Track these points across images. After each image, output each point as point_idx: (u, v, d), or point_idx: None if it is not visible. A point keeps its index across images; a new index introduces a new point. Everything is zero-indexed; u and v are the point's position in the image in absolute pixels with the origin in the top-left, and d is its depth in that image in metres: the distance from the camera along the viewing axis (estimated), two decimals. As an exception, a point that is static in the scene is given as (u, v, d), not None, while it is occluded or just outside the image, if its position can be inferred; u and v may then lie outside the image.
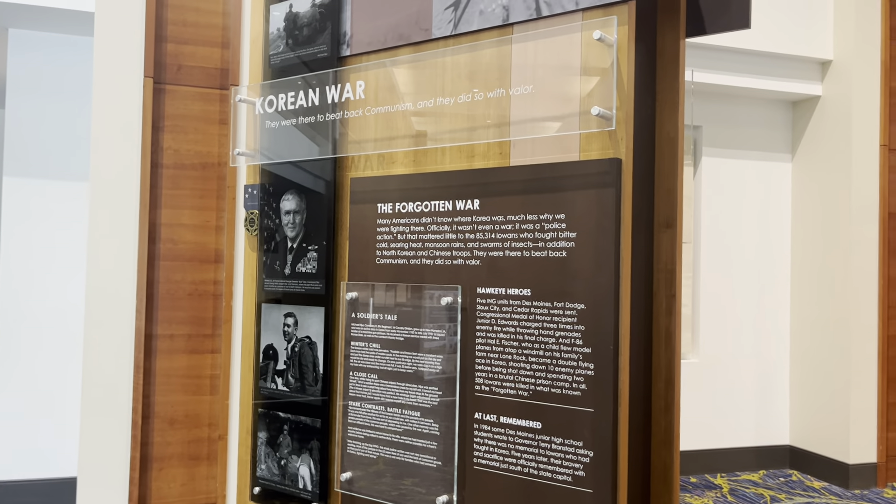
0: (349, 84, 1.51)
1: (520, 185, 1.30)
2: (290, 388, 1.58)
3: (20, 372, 3.80)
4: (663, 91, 1.39)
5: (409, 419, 1.40)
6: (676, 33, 1.37)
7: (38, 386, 3.83)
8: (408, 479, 1.40)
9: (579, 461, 1.23)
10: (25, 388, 3.81)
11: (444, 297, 1.36)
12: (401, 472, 1.41)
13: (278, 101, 1.61)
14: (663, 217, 1.38)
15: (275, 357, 1.62)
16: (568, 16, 1.28)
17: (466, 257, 1.36)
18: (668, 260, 1.37)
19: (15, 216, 3.76)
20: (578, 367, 1.23)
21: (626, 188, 1.21)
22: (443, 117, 1.40)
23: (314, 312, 1.55)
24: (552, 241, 1.26)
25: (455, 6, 1.40)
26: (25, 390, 3.81)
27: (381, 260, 1.46)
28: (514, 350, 1.29)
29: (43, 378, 3.84)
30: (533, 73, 1.30)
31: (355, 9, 1.54)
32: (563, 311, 1.25)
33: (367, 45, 1.53)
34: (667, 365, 1.37)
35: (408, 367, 1.40)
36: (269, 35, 1.67)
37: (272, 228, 1.63)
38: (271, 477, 1.61)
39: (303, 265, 1.57)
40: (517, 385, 1.29)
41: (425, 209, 1.41)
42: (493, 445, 1.31)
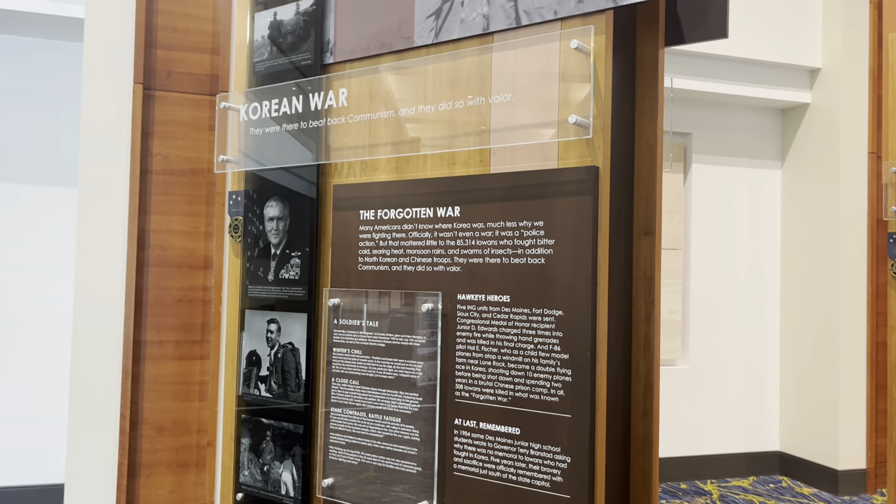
0: (332, 91, 1.52)
1: (499, 192, 1.31)
2: (273, 394, 1.59)
3: (8, 377, 3.79)
4: (642, 99, 1.40)
5: (391, 425, 1.40)
6: (655, 42, 1.39)
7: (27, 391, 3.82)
8: (389, 484, 1.40)
9: (557, 467, 1.23)
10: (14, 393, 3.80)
11: (425, 303, 1.37)
12: (382, 478, 1.41)
13: (262, 108, 1.62)
14: (642, 224, 1.39)
15: (258, 363, 1.62)
16: (547, 25, 1.29)
17: (447, 264, 1.36)
18: (647, 267, 1.38)
19: (3, 221, 3.76)
20: (556, 373, 1.24)
21: (603, 196, 1.22)
22: (424, 125, 1.41)
23: (297, 319, 1.56)
24: (531, 248, 1.27)
25: (437, 15, 1.42)
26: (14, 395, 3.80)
27: (363, 266, 1.47)
28: (493, 356, 1.30)
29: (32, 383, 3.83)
30: (512, 81, 1.31)
31: (339, 17, 1.55)
32: (541, 318, 1.26)
33: (350, 53, 1.54)
34: (646, 371, 1.38)
35: (389, 373, 1.41)
36: (253, 42, 1.68)
37: (256, 235, 1.64)
38: (254, 483, 1.61)
39: (286, 271, 1.58)
40: (496, 391, 1.30)
41: (407, 216, 1.42)
42: (473, 451, 1.32)
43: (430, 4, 1.42)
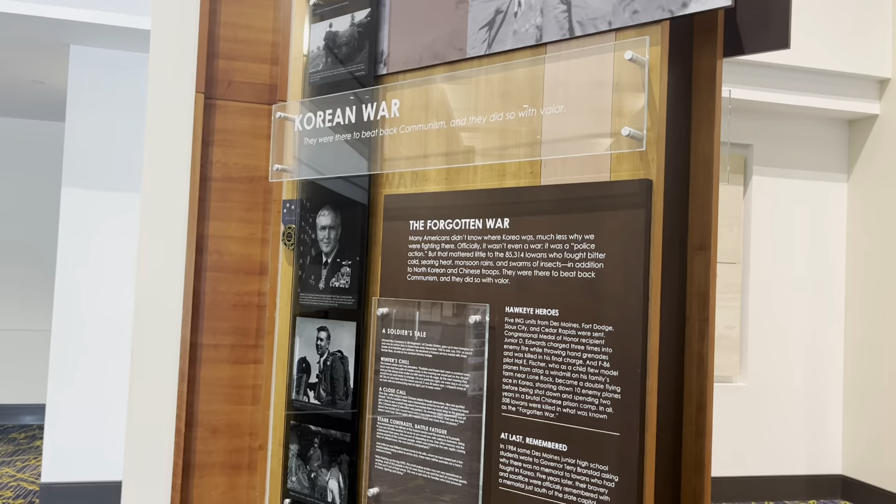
0: (384, 102, 1.53)
1: (550, 204, 1.30)
2: (321, 401, 1.60)
3: (76, 377, 3.92)
4: (699, 111, 1.37)
5: (436, 437, 1.40)
6: (713, 53, 1.35)
7: (92, 391, 3.95)
8: (434, 496, 1.40)
9: (605, 485, 1.21)
10: (80, 392, 3.93)
11: (473, 315, 1.36)
12: (427, 490, 1.41)
13: (316, 118, 1.64)
14: (697, 239, 1.36)
15: (308, 370, 1.64)
16: (601, 36, 1.28)
17: (495, 276, 1.35)
18: (702, 283, 1.35)
19: (72, 226, 3.90)
20: (605, 389, 1.21)
21: (656, 209, 1.20)
22: (475, 136, 1.41)
23: (346, 327, 1.57)
24: (581, 262, 1.25)
25: (490, 26, 1.41)
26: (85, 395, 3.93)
27: (411, 276, 1.47)
28: (541, 371, 1.29)
29: (98, 383, 3.96)
30: (565, 92, 1.30)
31: (392, 28, 1.56)
32: (590, 333, 1.23)
33: (403, 64, 1.54)
34: (698, 390, 1.34)
35: (435, 384, 1.41)
36: (309, 53, 1.70)
37: (308, 243, 1.66)
38: (301, 489, 1.63)
39: (336, 280, 1.59)
40: (544, 406, 1.28)
41: (456, 227, 1.42)
42: (519, 466, 1.30)
43: (483, 16, 1.42)
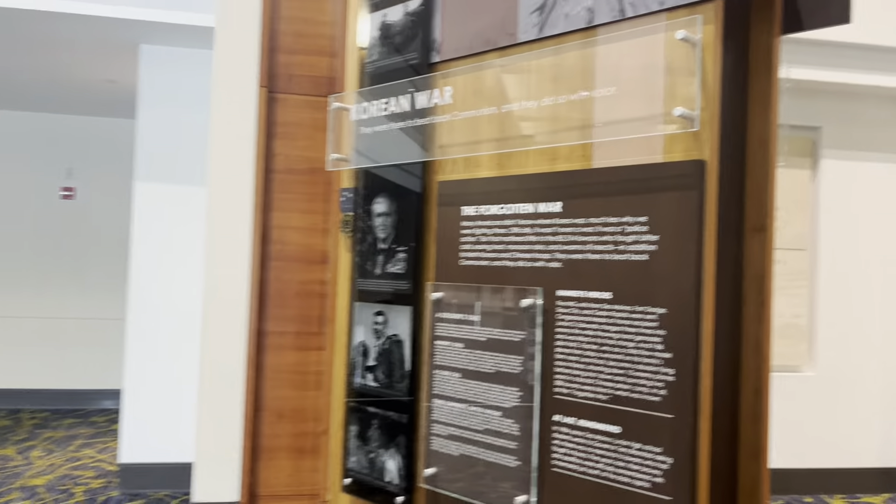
0: (437, 90, 1.55)
1: (601, 187, 1.30)
2: (379, 384, 1.64)
3: (150, 364, 4.09)
4: (756, 91, 1.34)
5: (490, 418, 1.42)
6: (770, 30, 1.32)
7: (166, 376, 4.11)
8: (489, 477, 1.42)
9: (658, 468, 1.20)
10: (154, 378, 4.10)
11: (525, 298, 1.37)
12: (481, 470, 1.43)
13: (372, 107, 1.67)
14: (754, 221, 1.33)
15: (366, 354, 1.68)
16: (652, 16, 1.26)
17: (547, 259, 1.36)
18: (759, 266, 1.32)
19: (145, 219, 4.06)
20: (659, 372, 1.21)
21: (710, 191, 1.19)
22: (527, 120, 1.42)
23: (402, 311, 1.60)
24: (634, 244, 1.25)
25: (541, 10, 1.41)
26: (154, 380, 4.09)
27: (464, 261, 1.49)
28: (593, 353, 1.29)
29: (171, 369, 4.12)
30: (616, 74, 1.29)
31: (445, 16, 1.58)
32: (644, 315, 1.23)
33: (455, 51, 1.56)
34: (756, 374, 1.32)
35: (489, 367, 1.42)
36: (364, 44, 1.73)
37: (365, 230, 1.70)
38: (360, 469, 1.67)
39: (392, 266, 1.62)
40: (596, 388, 1.28)
41: (507, 212, 1.43)
42: (572, 448, 1.31)
43: (534, 0, 1.43)
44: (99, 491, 3.96)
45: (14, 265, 6.08)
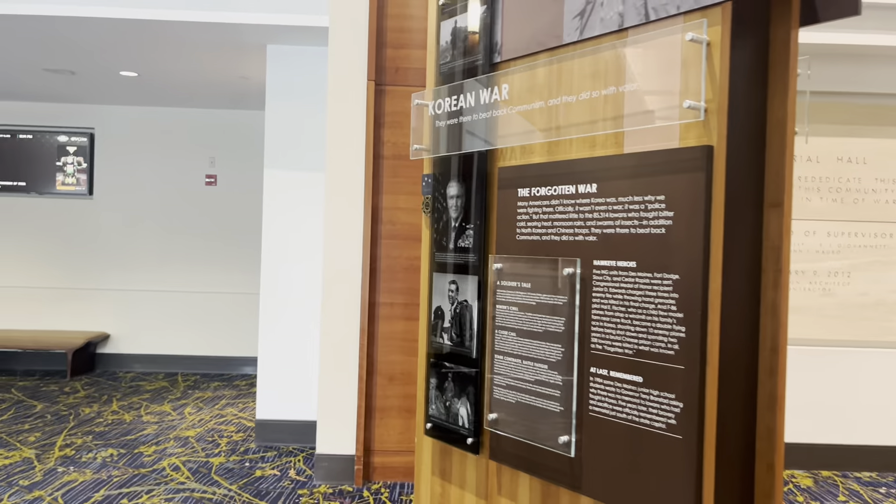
0: (497, 87, 1.79)
1: (629, 170, 1.49)
2: (452, 342, 1.91)
3: (280, 333, 4.57)
4: (774, 78, 1.48)
5: (539, 371, 1.66)
6: (788, 23, 1.46)
7: (294, 344, 4.59)
8: (538, 421, 1.66)
9: (671, 411, 1.40)
10: (284, 345, 4.59)
11: (567, 268, 1.59)
12: (532, 415, 1.67)
13: (445, 103, 1.93)
14: (771, 197, 1.48)
15: (442, 317, 1.95)
16: (671, 19, 1.44)
17: (585, 234, 1.58)
18: (776, 237, 1.48)
19: (273, 203, 4.52)
20: (673, 329, 1.40)
21: (718, 172, 1.36)
22: (570, 112, 1.63)
23: (470, 280, 1.86)
24: (654, 220, 1.44)
25: (581, 15, 1.61)
26: (284, 348, 4.58)
27: (520, 236, 1.73)
28: (622, 314, 1.50)
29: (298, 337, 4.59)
30: (643, 71, 1.48)
31: (505, 21, 1.81)
32: (661, 281, 1.43)
33: (513, 52, 1.79)
34: (773, 333, 1.48)
35: (538, 326, 1.66)
36: (439, 46, 1.99)
37: (440, 210, 1.96)
38: (439, 415, 1.95)
39: (462, 241, 1.88)
40: (624, 344, 1.49)
41: (554, 192, 1.65)
42: (605, 395, 1.53)
43: (576, 6, 1.63)
44: (239, 443, 4.50)
45: (167, 246, 6.83)
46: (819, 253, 4.30)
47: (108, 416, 5.10)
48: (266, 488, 3.70)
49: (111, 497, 3.50)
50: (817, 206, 4.32)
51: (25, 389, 5.87)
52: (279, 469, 4.02)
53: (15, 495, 3.50)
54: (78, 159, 6.80)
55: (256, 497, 3.56)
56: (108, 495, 3.53)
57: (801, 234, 4.31)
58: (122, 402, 5.54)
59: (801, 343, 4.31)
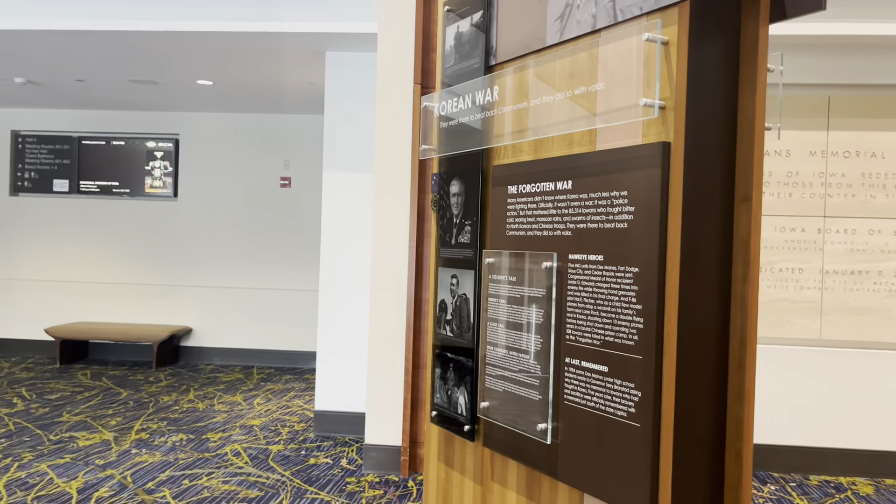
0: (489, 89, 1.87)
1: (597, 167, 1.54)
2: (453, 334, 2.00)
3: (336, 328, 4.76)
4: (745, 75, 1.50)
5: (522, 361, 1.72)
6: (756, 21, 1.47)
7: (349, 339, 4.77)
8: (520, 408, 1.73)
9: (631, 400, 1.45)
10: (340, 340, 4.77)
11: (545, 262, 1.66)
12: (516, 403, 1.74)
13: (447, 105, 2.02)
14: (741, 192, 1.50)
15: (445, 309, 2.04)
16: (636, 20, 1.48)
17: (562, 229, 1.63)
18: (745, 231, 1.49)
19: (331, 203, 4.71)
20: (633, 321, 1.45)
21: (675, 167, 1.40)
22: (551, 112, 1.69)
23: (468, 274, 1.94)
24: (618, 215, 1.49)
25: (561, 18, 1.67)
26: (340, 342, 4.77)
27: (509, 232, 1.80)
28: (591, 306, 1.55)
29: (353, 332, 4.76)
30: (611, 70, 1.53)
31: (499, 26, 1.88)
32: (624, 274, 1.47)
33: (505, 55, 1.86)
34: (741, 326, 1.49)
35: (521, 318, 1.73)
36: (443, 51, 2.08)
37: (445, 207, 2.05)
38: (442, 403, 2.05)
39: (462, 236, 1.97)
40: (593, 335, 1.54)
41: (536, 189, 1.71)
42: (577, 385, 1.58)
43: (556, 10, 1.69)
44: (300, 433, 4.71)
45: (245, 244, 7.18)
46: (885, 252, 4.14)
47: (183, 404, 5.43)
48: (317, 475, 3.88)
49: (174, 478, 3.76)
50: (882, 203, 4.15)
51: (114, 378, 6.32)
52: (332, 458, 4.20)
53: (89, 473, 3.81)
54: (164, 163, 7.25)
55: (306, 483, 3.74)
56: (171, 476, 3.79)
57: (864, 233, 4.15)
58: (198, 391, 5.89)
59: (870, 346, 4.15)
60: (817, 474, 4.15)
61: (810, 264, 4.21)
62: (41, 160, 7.36)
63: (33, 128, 7.34)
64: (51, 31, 4.48)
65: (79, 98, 6.67)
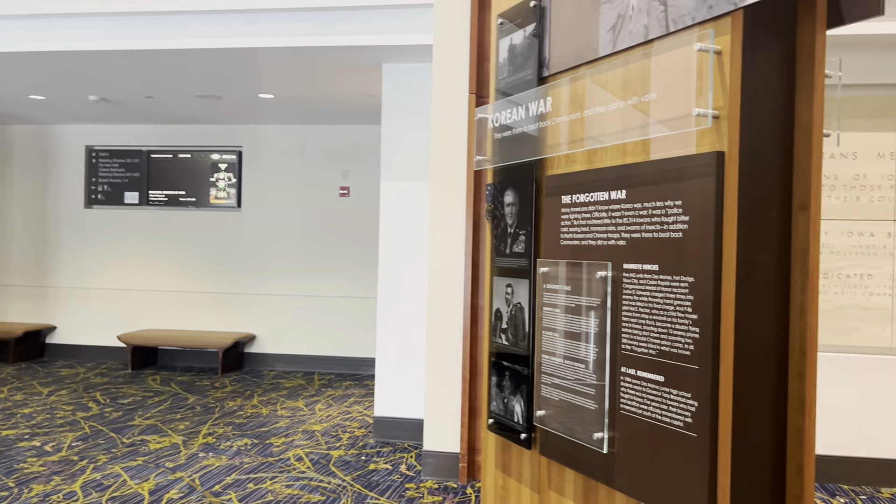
0: (543, 100, 1.88)
1: (651, 176, 1.55)
2: (509, 342, 2.02)
3: (395, 334, 4.82)
4: (801, 82, 1.48)
5: (577, 370, 1.73)
6: (813, 27, 1.46)
7: (408, 345, 4.82)
8: (576, 417, 1.73)
9: (688, 409, 1.44)
10: (399, 346, 4.82)
11: (600, 271, 1.67)
12: (572, 412, 1.75)
13: (501, 116, 2.05)
14: (799, 200, 1.48)
15: (501, 318, 2.06)
16: (688, 30, 1.48)
17: (616, 238, 1.64)
18: (803, 240, 1.47)
19: (389, 212, 4.78)
20: (689, 330, 1.45)
21: (730, 177, 1.39)
22: (605, 122, 1.70)
23: (523, 283, 1.96)
24: (673, 224, 1.49)
25: (613, 29, 1.68)
26: (399, 348, 4.82)
27: (562, 241, 1.81)
28: (646, 316, 1.55)
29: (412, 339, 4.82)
30: (664, 80, 1.53)
31: (552, 38, 1.90)
32: (679, 284, 1.47)
33: (558, 66, 1.88)
34: (800, 336, 1.47)
35: (576, 327, 1.74)
36: (497, 63, 2.11)
37: (499, 217, 2.08)
38: (499, 411, 2.07)
39: (516, 246, 1.99)
40: (649, 345, 1.55)
41: (590, 199, 1.72)
42: (633, 394, 1.59)
43: (608, 20, 1.70)
44: (360, 438, 4.79)
45: (307, 253, 7.33)
46: (960, 256, 3.98)
47: (248, 409, 5.58)
48: (376, 481, 3.94)
49: (240, 481, 3.87)
50: (957, 205, 3.99)
51: (182, 383, 6.53)
52: (391, 464, 4.25)
53: (160, 475, 3.96)
54: (228, 175, 7.47)
55: (366, 488, 3.80)
56: (237, 479, 3.90)
57: (938, 237, 4.00)
58: (262, 397, 6.03)
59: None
60: (889, 487, 4.00)
61: (880, 269, 4.08)
62: (113, 173, 7.67)
63: (106, 143, 7.66)
64: (123, 50, 4.68)
65: (148, 113, 6.93)
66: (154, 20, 4.59)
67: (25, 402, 5.64)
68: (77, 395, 5.97)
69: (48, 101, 6.48)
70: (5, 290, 7.77)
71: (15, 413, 5.29)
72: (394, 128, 4.75)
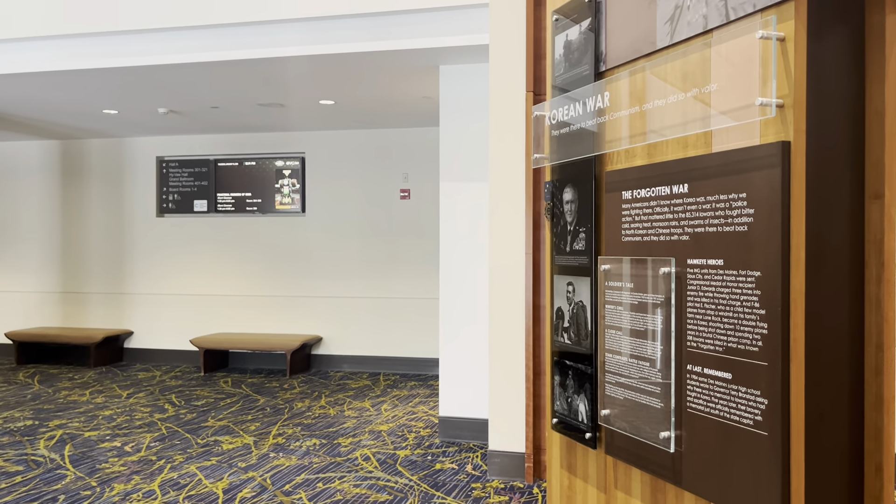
0: (601, 94, 1.86)
1: (714, 169, 1.51)
2: (571, 341, 2.00)
3: (458, 334, 4.84)
4: (871, 67, 1.42)
5: (643, 368, 1.71)
6: (883, 10, 1.40)
7: (471, 345, 4.83)
8: (642, 416, 1.71)
9: (758, 407, 1.41)
10: (463, 346, 4.84)
11: (663, 267, 1.64)
12: (637, 411, 1.72)
13: (559, 113, 2.03)
14: (872, 188, 1.42)
15: (562, 317, 2.05)
16: (749, 17, 1.45)
17: (679, 233, 1.61)
18: (878, 230, 1.41)
19: (449, 213, 4.79)
20: (757, 326, 1.41)
21: (797, 167, 1.35)
22: (664, 115, 1.67)
23: (584, 281, 1.94)
24: (737, 217, 1.45)
25: (671, 20, 1.65)
26: (462, 349, 4.84)
27: (624, 238, 1.79)
28: (712, 312, 1.52)
29: (475, 339, 4.82)
30: (726, 70, 1.49)
31: (608, 32, 1.88)
32: (745, 278, 1.43)
33: (615, 61, 1.85)
34: (877, 330, 1.41)
35: (640, 325, 1.71)
36: (553, 59, 2.10)
37: (558, 215, 2.06)
38: (562, 411, 2.05)
39: (576, 243, 1.97)
40: (715, 341, 1.51)
41: (651, 194, 1.70)
42: (700, 392, 1.55)
43: (666, 12, 1.67)
44: (425, 438, 4.82)
45: (369, 256, 7.42)
46: None
47: (316, 410, 5.68)
48: (443, 480, 3.96)
49: (309, 480, 3.95)
50: None
51: (252, 385, 6.70)
52: (457, 463, 4.26)
53: (233, 475, 4.07)
54: (292, 181, 7.62)
55: (433, 488, 3.82)
56: (307, 479, 3.98)
57: None
58: (329, 398, 6.14)
59: None
60: (981, 488, 3.80)
61: (965, 259, 3.87)
62: (182, 183, 7.93)
63: (175, 153, 7.92)
64: (190, 63, 4.83)
65: (214, 123, 7.14)
66: (219, 32, 4.72)
67: (106, 405, 5.87)
68: (154, 397, 6.19)
69: (120, 115, 6.73)
70: (85, 298, 8.11)
71: (97, 415, 5.52)
72: (452, 129, 4.77)
